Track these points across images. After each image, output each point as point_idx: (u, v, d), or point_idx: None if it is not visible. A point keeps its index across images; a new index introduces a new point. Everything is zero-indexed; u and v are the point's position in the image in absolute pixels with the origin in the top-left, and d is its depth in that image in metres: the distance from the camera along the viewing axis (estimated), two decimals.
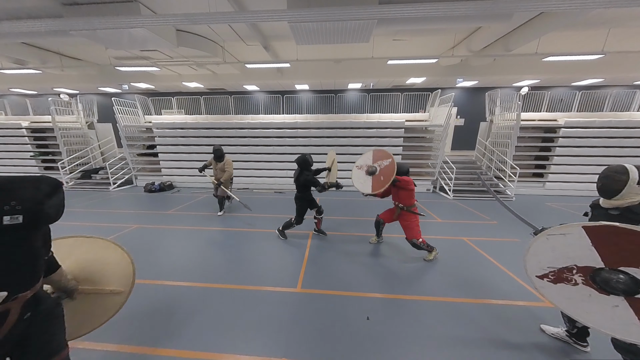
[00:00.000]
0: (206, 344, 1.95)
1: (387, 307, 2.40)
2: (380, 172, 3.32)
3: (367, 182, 3.44)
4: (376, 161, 3.41)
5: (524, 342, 1.99)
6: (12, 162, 8.88)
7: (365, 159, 3.58)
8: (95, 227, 4.49)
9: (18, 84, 11.09)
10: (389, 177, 3.18)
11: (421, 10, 4.01)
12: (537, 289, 1.52)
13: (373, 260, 3.31)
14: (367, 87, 11.83)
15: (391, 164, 3.25)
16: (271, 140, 7.86)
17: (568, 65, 8.56)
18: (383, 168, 3.31)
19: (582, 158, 7.20)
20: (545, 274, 1.45)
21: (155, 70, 9.45)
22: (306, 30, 4.87)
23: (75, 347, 1.90)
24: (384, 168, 3.30)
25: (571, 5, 3.83)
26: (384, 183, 3.21)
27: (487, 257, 3.41)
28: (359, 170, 3.60)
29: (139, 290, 2.62)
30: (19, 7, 4.90)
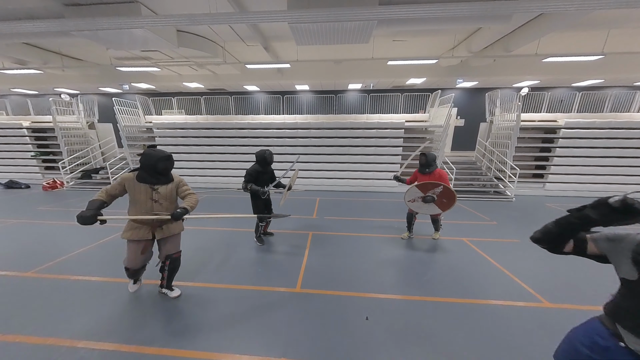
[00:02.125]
0: (206, 343, 1.96)
1: (386, 307, 2.41)
2: (439, 197, 3.40)
3: (430, 207, 3.52)
4: (427, 192, 3.40)
5: (524, 343, 1.99)
6: (13, 162, 8.90)
7: (412, 194, 3.48)
8: (97, 227, 4.48)
9: (19, 84, 11.12)
10: (452, 198, 3.36)
11: (421, 11, 4.02)
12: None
13: (373, 261, 3.31)
14: (367, 88, 11.85)
15: (446, 189, 3.30)
16: (271, 141, 7.87)
17: (568, 66, 8.57)
18: (439, 194, 3.37)
19: (582, 159, 7.20)
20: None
21: (155, 70, 9.47)
22: (306, 31, 4.88)
23: (74, 347, 1.91)
24: (440, 194, 3.37)
25: (571, 7, 3.84)
26: (450, 204, 3.42)
27: (486, 258, 3.41)
28: (413, 203, 3.57)
29: (138, 290, 2.63)
30: (20, 7, 4.92)
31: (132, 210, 2.20)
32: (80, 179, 8.41)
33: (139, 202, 2.17)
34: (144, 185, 2.16)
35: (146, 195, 2.17)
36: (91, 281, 2.80)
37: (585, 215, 0.91)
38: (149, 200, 2.17)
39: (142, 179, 2.16)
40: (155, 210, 2.18)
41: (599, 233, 1.00)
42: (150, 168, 2.15)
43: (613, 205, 0.85)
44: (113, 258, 3.36)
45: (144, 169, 2.17)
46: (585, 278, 2.93)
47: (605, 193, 7.22)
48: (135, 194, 2.15)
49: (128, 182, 2.15)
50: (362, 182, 7.74)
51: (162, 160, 2.16)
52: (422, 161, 3.60)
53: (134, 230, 2.21)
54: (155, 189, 2.20)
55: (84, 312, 2.30)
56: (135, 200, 2.17)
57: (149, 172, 2.16)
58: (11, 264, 3.15)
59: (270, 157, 3.53)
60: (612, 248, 0.94)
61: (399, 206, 5.85)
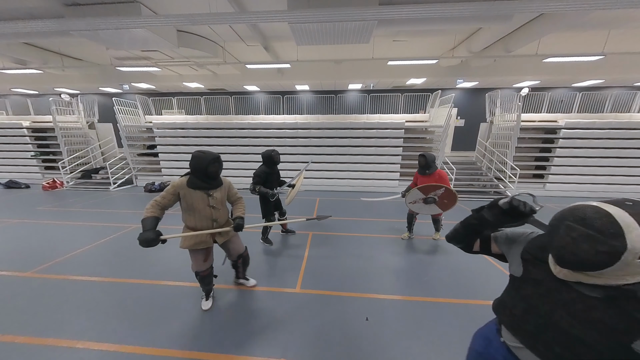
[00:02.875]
0: (205, 344, 1.95)
1: (386, 307, 2.40)
2: (440, 199, 3.34)
3: (432, 208, 3.47)
4: (428, 194, 3.35)
5: None
6: (13, 162, 8.90)
7: (413, 196, 3.43)
8: (96, 227, 4.49)
9: (19, 83, 11.12)
10: (453, 199, 3.30)
11: (421, 11, 4.02)
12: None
13: (373, 261, 3.30)
14: (367, 88, 11.84)
15: (447, 191, 3.23)
16: (271, 141, 7.86)
17: (568, 67, 8.56)
18: (441, 195, 3.31)
19: (583, 159, 7.19)
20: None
21: (155, 70, 9.48)
22: (306, 31, 4.87)
23: (73, 347, 1.90)
24: (441, 196, 3.31)
25: (571, 7, 3.84)
26: (451, 204, 3.36)
27: (486, 258, 3.40)
28: (414, 204, 3.51)
29: (138, 290, 2.63)
30: (20, 7, 4.92)
31: (190, 219, 2.05)
32: (80, 178, 8.41)
33: (196, 211, 2.01)
34: (198, 192, 1.98)
35: (203, 202, 2.01)
36: (90, 281, 2.79)
37: (481, 216, 0.92)
38: (207, 207, 2.02)
39: (195, 185, 1.97)
40: (214, 217, 2.08)
41: (500, 232, 1.01)
42: (201, 172, 1.96)
43: (502, 206, 0.86)
44: (112, 258, 3.36)
45: (195, 174, 1.98)
46: None
47: (605, 193, 7.20)
48: (192, 202, 1.99)
49: (182, 190, 1.96)
50: (362, 182, 7.74)
51: (212, 163, 1.96)
52: (421, 162, 3.59)
53: (194, 239, 2.08)
54: (211, 194, 2.03)
55: (83, 312, 2.29)
56: (193, 208, 2.00)
57: (201, 176, 1.97)
58: (10, 263, 3.15)
59: (277, 156, 3.50)
60: (508, 246, 0.96)
61: (399, 206, 5.84)
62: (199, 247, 2.10)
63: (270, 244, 3.74)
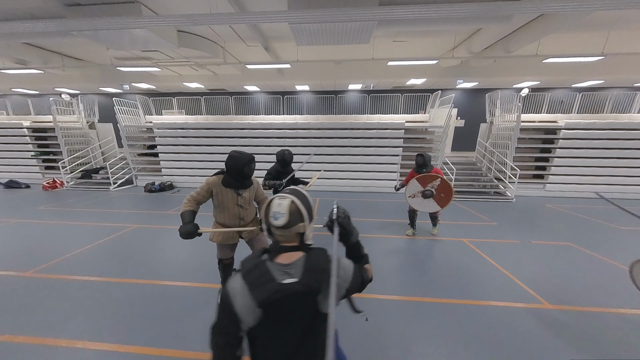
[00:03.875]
0: (205, 344, 1.95)
1: (386, 308, 2.40)
2: (438, 192, 3.53)
3: (429, 203, 3.62)
4: (426, 185, 3.55)
5: (524, 344, 1.98)
6: (13, 162, 8.91)
7: (413, 188, 3.64)
8: (96, 227, 4.49)
9: (20, 83, 11.13)
10: (449, 192, 3.50)
11: (421, 11, 4.02)
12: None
13: (373, 261, 3.29)
14: (368, 88, 11.85)
15: (443, 182, 3.47)
16: (271, 141, 7.87)
17: (568, 67, 8.56)
18: (437, 188, 3.51)
19: (583, 160, 7.19)
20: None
21: (156, 70, 9.48)
22: (306, 31, 4.88)
23: (73, 347, 1.90)
24: (438, 188, 3.51)
25: (571, 8, 3.84)
26: (448, 199, 3.52)
27: (486, 259, 3.40)
28: (414, 198, 3.69)
29: (138, 290, 2.63)
30: (21, 7, 4.93)
31: (220, 215, 2.13)
32: (81, 178, 8.42)
33: (227, 208, 2.09)
34: (230, 191, 2.06)
35: (232, 200, 2.09)
36: (90, 281, 2.79)
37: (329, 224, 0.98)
38: (236, 206, 2.11)
39: (228, 184, 2.05)
40: (241, 215, 2.15)
41: None
42: (237, 172, 2.02)
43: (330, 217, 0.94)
44: (112, 258, 3.36)
45: (230, 173, 2.04)
46: (585, 279, 2.93)
47: (605, 194, 7.23)
48: (223, 200, 2.07)
49: (215, 187, 2.04)
50: (362, 182, 7.74)
51: (248, 164, 2.04)
52: (419, 162, 3.78)
53: (223, 235, 2.18)
54: (240, 193, 2.10)
55: (82, 312, 2.29)
56: (223, 205, 2.09)
57: (235, 176, 2.04)
58: (10, 263, 3.15)
59: (290, 156, 3.56)
60: None
61: (400, 206, 5.84)
62: (227, 243, 2.19)
63: None
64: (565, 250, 3.70)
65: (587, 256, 3.53)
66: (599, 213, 5.66)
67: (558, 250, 3.71)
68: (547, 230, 4.52)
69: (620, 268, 3.18)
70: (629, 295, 2.62)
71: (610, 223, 4.96)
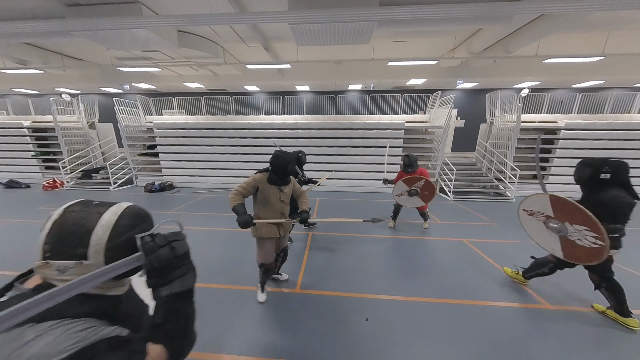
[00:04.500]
0: (205, 344, 1.95)
1: (386, 308, 2.40)
2: (422, 190, 3.87)
3: (415, 200, 4.02)
4: (411, 186, 3.89)
5: (524, 345, 1.98)
6: (13, 162, 8.91)
7: (399, 188, 4.01)
8: None
9: (20, 83, 11.14)
10: (432, 190, 3.83)
11: (421, 12, 4.03)
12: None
13: (372, 262, 3.31)
14: (368, 88, 11.86)
15: (427, 182, 3.78)
16: (272, 141, 7.87)
17: (568, 67, 8.57)
18: (422, 187, 3.85)
19: None
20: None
21: (156, 70, 9.49)
22: (307, 32, 4.88)
23: None
24: (422, 187, 3.84)
25: (571, 8, 3.84)
26: (431, 196, 3.88)
27: (486, 259, 3.40)
28: (400, 197, 4.08)
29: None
30: (21, 7, 4.93)
31: (264, 211, 2.23)
32: (81, 178, 8.42)
33: (270, 204, 2.22)
34: (274, 187, 2.20)
35: (276, 196, 2.22)
36: None
37: None
38: (278, 201, 2.25)
39: (273, 181, 2.19)
40: (283, 210, 2.29)
41: None
42: (281, 170, 2.17)
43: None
44: None
45: (275, 172, 2.18)
46: (585, 280, 2.93)
47: None
48: (268, 196, 2.20)
49: (262, 184, 2.18)
50: (362, 182, 7.74)
51: (293, 162, 2.18)
52: (405, 162, 4.15)
53: (269, 229, 2.29)
54: (282, 190, 2.25)
55: None
56: (268, 201, 2.21)
57: (280, 174, 2.19)
58: (10, 263, 3.15)
59: (304, 157, 3.74)
60: None
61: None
62: (269, 236, 2.27)
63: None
64: None
65: None
66: None
67: None
68: None
69: (621, 269, 3.18)
70: (629, 295, 2.62)
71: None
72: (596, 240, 1.85)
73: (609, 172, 1.98)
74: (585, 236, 1.91)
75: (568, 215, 2.00)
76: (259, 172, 2.23)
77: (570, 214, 1.99)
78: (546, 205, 2.15)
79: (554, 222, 2.12)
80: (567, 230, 2.03)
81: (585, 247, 1.93)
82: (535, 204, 2.26)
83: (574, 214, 1.95)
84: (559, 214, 2.07)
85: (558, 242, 2.14)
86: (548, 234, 2.20)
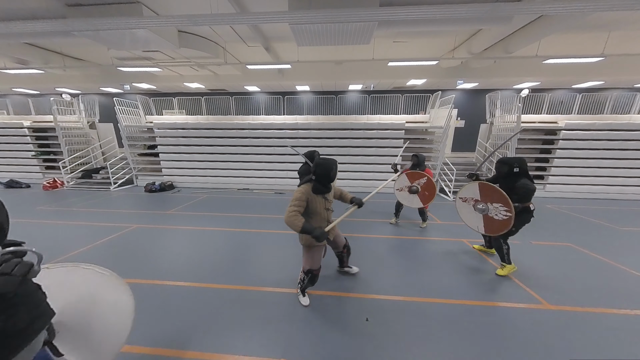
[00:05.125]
0: (205, 344, 1.96)
1: (387, 308, 2.40)
2: (422, 189, 3.90)
3: (414, 199, 3.99)
4: (414, 181, 3.95)
5: (524, 345, 1.98)
6: (13, 161, 8.91)
7: (401, 182, 4.07)
8: (96, 227, 4.49)
9: (20, 83, 11.15)
10: (432, 191, 3.83)
11: (421, 12, 4.03)
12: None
13: (372, 262, 3.30)
14: (368, 89, 11.86)
15: (429, 180, 3.83)
16: (272, 141, 7.87)
17: (568, 68, 8.57)
18: (423, 185, 3.88)
19: (583, 160, 7.19)
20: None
21: (156, 70, 9.50)
22: (307, 32, 4.89)
23: None
24: (424, 185, 3.88)
25: (571, 9, 3.85)
26: (431, 197, 3.86)
27: (486, 259, 3.41)
28: (401, 192, 4.11)
29: (137, 290, 2.63)
30: (22, 7, 4.94)
31: (312, 221, 2.19)
32: (81, 178, 8.42)
33: (318, 214, 2.19)
34: (319, 197, 2.17)
35: (322, 205, 2.19)
36: None
37: None
38: (324, 210, 2.22)
39: (317, 191, 2.15)
40: (328, 218, 2.28)
41: None
42: (325, 178, 2.12)
43: None
44: (112, 258, 3.36)
45: (320, 180, 2.13)
46: (585, 280, 2.93)
47: (605, 194, 7.19)
48: (315, 207, 2.16)
49: (309, 196, 2.13)
50: (362, 182, 7.74)
51: (335, 167, 2.15)
52: (414, 161, 4.24)
53: None
54: (327, 198, 2.24)
55: None
56: (315, 212, 2.18)
57: (324, 181, 2.14)
58: None
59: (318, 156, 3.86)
60: None
61: None
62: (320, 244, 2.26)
63: None
64: (565, 251, 3.70)
65: (587, 257, 3.53)
66: (599, 214, 5.67)
67: (558, 251, 3.71)
68: (547, 231, 4.52)
69: (620, 269, 3.18)
70: (629, 296, 2.62)
71: (610, 224, 4.96)
72: (506, 213, 2.62)
73: (518, 166, 2.83)
74: (500, 211, 2.67)
75: (490, 196, 2.76)
76: (302, 184, 2.18)
77: (491, 195, 2.75)
78: (475, 191, 2.90)
79: (480, 204, 2.85)
80: (489, 209, 2.77)
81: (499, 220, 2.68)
82: (468, 191, 2.99)
83: (494, 195, 2.72)
84: (484, 197, 2.82)
85: (481, 221, 2.88)
86: (475, 215, 2.93)
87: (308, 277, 2.37)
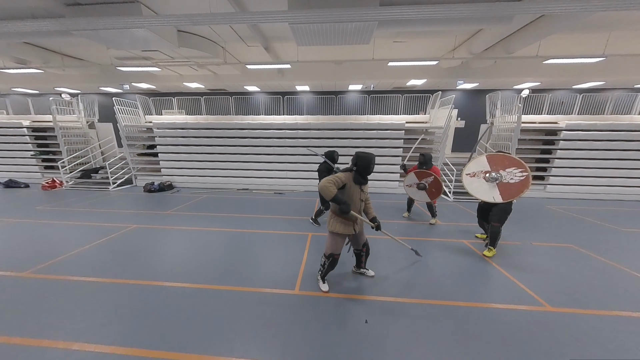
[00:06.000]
0: (203, 346, 1.93)
1: (386, 310, 2.38)
2: (430, 187, 4.25)
3: (422, 194, 4.40)
4: (421, 179, 4.31)
5: (526, 347, 1.96)
6: (12, 161, 8.89)
7: (410, 179, 4.46)
8: (95, 227, 4.47)
9: (20, 83, 11.14)
10: (439, 188, 4.18)
11: (422, 12, 4.01)
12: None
13: (372, 263, 3.28)
14: (368, 89, 11.85)
15: (435, 179, 4.17)
16: (271, 141, 7.85)
17: (569, 68, 8.56)
18: (430, 183, 4.23)
19: (583, 161, 7.17)
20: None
21: (156, 70, 9.49)
22: (307, 32, 4.87)
23: (69, 349, 1.88)
24: (431, 183, 4.23)
25: (572, 9, 3.83)
26: (438, 193, 4.24)
27: (487, 261, 3.38)
28: (410, 187, 4.49)
29: (136, 291, 2.61)
30: (21, 7, 4.92)
31: None
32: (80, 178, 8.40)
33: (353, 202, 2.34)
34: (357, 187, 2.33)
35: (357, 195, 2.35)
36: (88, 282, 2.77)
37: None
38: (359, 200, 2.38)
39: (357, 181, 2.30)
40: (361, 209, 2.46)
41: None
42: (365, 170, 2.28)
43: None
44: (111, 258, 3.34)
45: (360, 172, 2.29)
46: (587, 282, 2.91)
47: (607, 195, 7.18)
48: (352, 194, 2.32)
49: (349, 182, 2.28)
50: None
51: (374, 162, 2.31)
52: (421, 160, 4.50)
53: (345, 226, 2.40)
54: (363, 189, 2.39)
55: (80, 313, 2.27)
56: (351, 198, 2.32)
57: (363, 173, 2.30)
58: (8, 263, 3.13)
59: (337, 155, 4.22)
60: None
61: (400, 207, 5.82)
62: (345, 233, 2.41)
63: (318, 225, 4.54)
64: (566, 252, 3.68)
65: (588, 258, 3.51)
66: (600, 215, 5.65)
67: (559, 252, 3.69)
68: (548, 232, 4.50)
69: (622, 270, 3.16)
70: (630, 297, 2.60)
71: (611, 225, 4.94)
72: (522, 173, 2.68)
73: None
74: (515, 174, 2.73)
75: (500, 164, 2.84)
76: (343, 172, 2.32)
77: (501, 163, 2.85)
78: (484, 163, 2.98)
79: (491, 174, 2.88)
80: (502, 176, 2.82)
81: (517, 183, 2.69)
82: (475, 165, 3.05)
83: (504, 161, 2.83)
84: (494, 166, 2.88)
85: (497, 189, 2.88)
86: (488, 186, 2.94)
87: (329, 261, 2.52)
